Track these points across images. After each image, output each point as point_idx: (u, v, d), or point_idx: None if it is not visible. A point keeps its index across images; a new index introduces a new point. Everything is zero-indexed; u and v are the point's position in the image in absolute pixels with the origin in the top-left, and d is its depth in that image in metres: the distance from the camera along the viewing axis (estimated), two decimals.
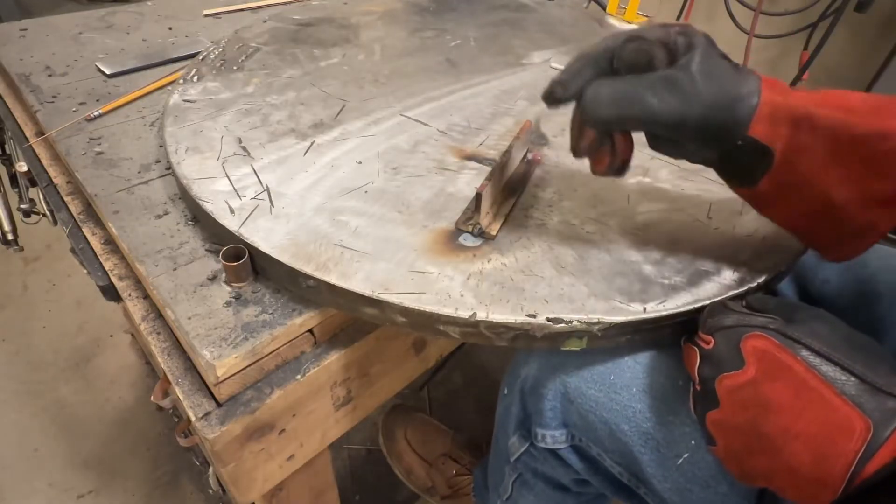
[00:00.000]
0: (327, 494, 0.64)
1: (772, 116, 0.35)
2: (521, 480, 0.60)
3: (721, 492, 0.41)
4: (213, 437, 0.38)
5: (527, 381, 0.52)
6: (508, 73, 0.74)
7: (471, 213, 0.47)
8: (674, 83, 0.34)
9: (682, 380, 0.43)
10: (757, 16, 1.35)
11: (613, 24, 0.89)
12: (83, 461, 1.03)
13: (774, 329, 0.34)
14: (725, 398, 0.35)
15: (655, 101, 0.34)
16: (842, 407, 0.30)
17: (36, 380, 1.15)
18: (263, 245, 0.43)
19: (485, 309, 0.39)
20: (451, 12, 0.92)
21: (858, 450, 0.30)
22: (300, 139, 0.56)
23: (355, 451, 1.08)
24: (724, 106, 0.34)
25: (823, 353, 0.32)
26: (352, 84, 0.67)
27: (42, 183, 0.59)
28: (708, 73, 0.34)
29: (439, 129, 0.60)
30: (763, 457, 0.34)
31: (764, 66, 1.74)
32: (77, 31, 0.80)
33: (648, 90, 0.34)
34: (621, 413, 0.45)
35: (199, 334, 0.40)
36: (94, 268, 0.50)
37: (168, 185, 0.53)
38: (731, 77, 0.35)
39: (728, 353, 0.35)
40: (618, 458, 0.47)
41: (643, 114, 0.34)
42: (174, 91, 0.62)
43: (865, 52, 1.57)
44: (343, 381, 0.48)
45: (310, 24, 0.83)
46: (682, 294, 0.42)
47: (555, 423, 0.50)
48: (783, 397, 0.32)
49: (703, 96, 0.34)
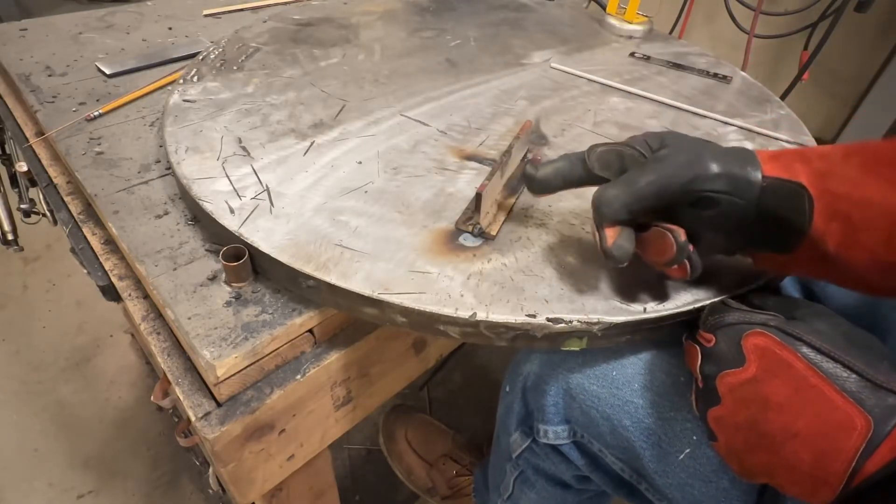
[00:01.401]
0: (327, 494, 0.64)
1: (777, 157, 0.36)
2: (523, 478, 0.61)
3: (722, 487, 0.41)
4: (213, 437, 0.38)
5: (529, 377, 0.52)
6: (508, 73, 0.74)
7: (471, 213, 0.47)
8: (655, 160, 0.38)
9: (683, 376, 0.43)
10: (757, 16, 1.35)
11: (613, 24, 0.89)
12: (83, 461, 1.03)
13: (775, 326, 0.34)
14: (727, 395, 0.35)
15: (642, 179, 0.37)
16: (842, 404, 0.30)
17: (36, 380, 1.15)
18: (263, 245, 0.43)
19: (485, 309, 0.39)
20: (451, 12, 0.92)
21: (859, 447, 0.30)
22: (300, 139, 0.56)
23: (355, 451, 1.08)
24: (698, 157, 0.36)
25: (824, 350, 0.32)
26: (352, 84, 0.67)
27: (42, 183, 0.59)
28: (680, 143, 0.38)
29: (439, 129, 0.60)
30: (764, 454, 0.34)
31: (764, 66, 1.74)
32: (77, 31, 0.80)
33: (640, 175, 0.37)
34: (623, 409, 0.45)
35: (199, 334, 0.40)
36: (94, 268, 0.50)
37: (168, 185, 0.53)
38: (704, 142, 0.38)
39: (729, 350, 0.35)
40: (619, 454, 0.47)
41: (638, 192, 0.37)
42: (174, 91, 0.62)
43: (865, 52, 1.57)
44: (343, 381, 0.48)
45: (310, 24, 0.83)
46: (683, 294, 0.42)
47: (557, 419, 0.50)
48: (783, 394, 0.32)
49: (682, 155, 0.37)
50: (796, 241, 0.36)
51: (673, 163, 0.37)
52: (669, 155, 0.37)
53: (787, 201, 0.35)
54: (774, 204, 0.36)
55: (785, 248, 0.37)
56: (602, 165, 0.40)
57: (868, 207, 0.33)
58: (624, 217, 0.37)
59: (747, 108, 0.69)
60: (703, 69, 0.78)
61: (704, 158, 0.36)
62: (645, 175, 0.37)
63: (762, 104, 0.71)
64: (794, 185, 0.35)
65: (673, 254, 0.37)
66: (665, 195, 0.36)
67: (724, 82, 0.76)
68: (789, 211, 0.35)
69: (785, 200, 0.35)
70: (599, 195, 0.37)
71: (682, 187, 0.36)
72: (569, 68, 0.75)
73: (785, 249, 0.37)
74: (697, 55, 0.83)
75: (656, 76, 0.76)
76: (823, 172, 0.35)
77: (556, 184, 0.42)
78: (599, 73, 0.74)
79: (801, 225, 0.35)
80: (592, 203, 0.38)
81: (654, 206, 0.37)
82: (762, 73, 1.74)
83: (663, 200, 0.36)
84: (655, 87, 0.72)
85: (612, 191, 0.37)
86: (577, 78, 0.74)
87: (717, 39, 1.75)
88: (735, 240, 0.38)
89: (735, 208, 0.36)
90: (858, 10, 1.38)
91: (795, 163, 0.36)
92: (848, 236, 0.34)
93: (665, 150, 0.38)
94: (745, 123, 0.65)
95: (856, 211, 0.33)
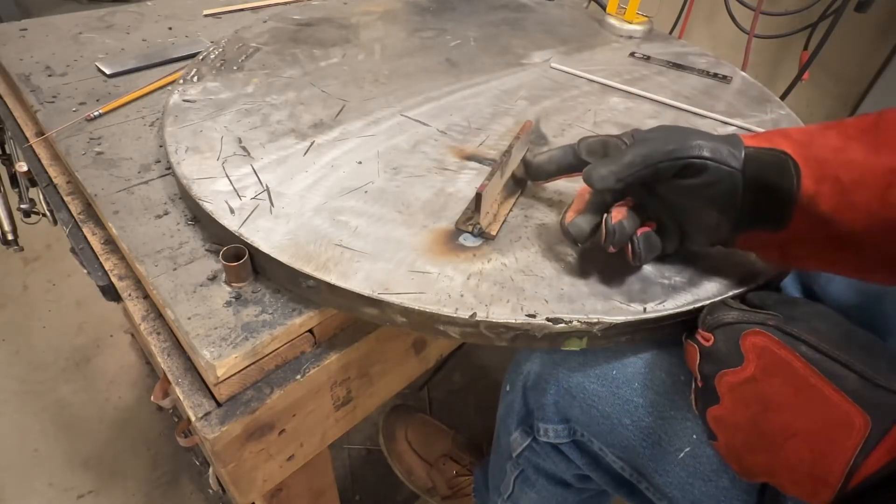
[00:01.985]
0: (327, 494, 0.64)
1: (758, 135, 0.38)
2: (523, 477, 0.61)
3: (722, 486, 0.41)
4: (213, 437, 0.38)
5: (529, 376, 0.52)
6: (508, 73, 0.74)
7: (471, 213, 0.47)
8: (640, 139, 0.40)
9: (683, 375, 0.43)
10: (757, 16, 1.35)
11: (613, 24, 0.89)
12: (83, 461, 1.03)
13: (774, 325, 0.34)
14: (726, 395, 0.35)
15: (629, 151, 0.39)
16: (841, 403, 0.30)
17: (36, 380, 1.15)
18: (263, 245, 0.43)
19: (485, 309, 0.39)
20: (451, 12, 0.92)
21: (857, 446, 0.30)
22: (300, 139, 0.56)
23: (355, 451, 1.08)
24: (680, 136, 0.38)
25: (823, 350, 0.32)
26: (352, 84, 0.67)
27: (42, 183, 0.59)
28: (664, 127, 0.41)
29: (439, 129, 0.60)
30: (763, 453, 0.34)
31: (764, 66, 1.74)
32: (77, 31, 0.80)
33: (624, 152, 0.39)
34: (623, 408, 0.45)
35: (199, 334, 0.40)
36: (94, 268, 0.50)
37: (168, 185, 0.53)
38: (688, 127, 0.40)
39: (728, 350, 0.35)
40: (619, 453, 0.47)
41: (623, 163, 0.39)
42: (174, 91, 0.62)
43: (865, 52, 1.57)
44: (343, 382, 0.48)
45: (310, 24, 0.83)
46: (683, 294, 0.42)
47: (557, 417, 0.50)
48: (782, 394, 0.32)
49: (665, 132, 0.40)
50: (788, 209, 0.36)
51: (655, 139, 0.39)
52: (652, 134, 0.40)
53: (773, 168, 0.36)
54: (761, 172, 0.36)
55: (779, 221, 0.37)
56: (589, 151, 0.43)
57: (854, 167, 0.34)
58: (612, 184, 0.38)
59: (747, 108, 0.69)
60: (703, 69, 0.78)
61: (686, 134, 0.38)
62: (630, 149, 0.39)
63: (762, 104, 0.71)
64: (777, 152, 0.36)
65: (604, 234, 0.39)
66: (650, 162, 0.37)
67: (724, 82, 0.76)
68: (776, 176, 0.36)
69: (771, 168, 0.36)
70: (591, 167, 0.39)
71: (665, 154, 0.37)
72: (569, 68, 0.75)
73: (779, 222, 0.37)
74: (697, 55, 0.83)
75: (656, 76, 0.76)
76: (805, 142, 0.36)
77: (550, 168, 0.46)
78: (599, 73, 0.74)
79: (789, 188, 0.35)
80: (583, 175, 0.39)
81: (641, 173, 0.38)
82: (762, 73, 1.74)
83: (649, 168, 0.38)
84: (655, 87, 0.72)
85: (601, 163, 0.39)
86: (577, 78, 0.74)
87: (717, 39, 1.75)
88: (728, 215, 0.39)
89: (722, 175, 0.37)
90: (858, 10, 1.38)
91: (776, 137, 0.37)
92: (841, 196, 0.34)
93: (650, 132, 0.41)
94: (745, 123, 0.65)
95: (843, 171, 0.34)
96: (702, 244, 0.42)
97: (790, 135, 0.37)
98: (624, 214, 0.39)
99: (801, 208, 0.35)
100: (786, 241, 0.38)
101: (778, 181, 0.36)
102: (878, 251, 0.35)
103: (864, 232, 0.34)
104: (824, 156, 0.35)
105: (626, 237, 0.40)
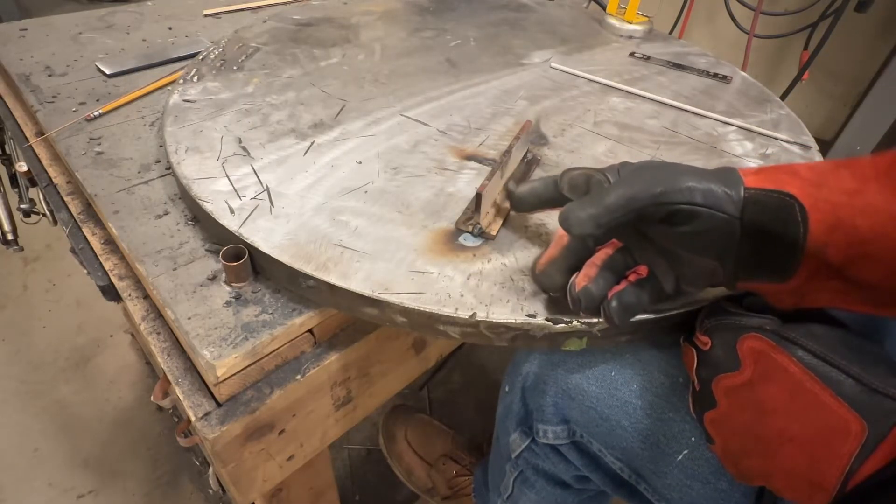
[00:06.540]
0: (327, 494, 0.64)
1: (761, 170, 0.34)
2: (522, 478, 0.61)
3: (721, 488, 0.41)
4: (213, 437, 0.38)
5: (528, 377, 0.52)
6: (508, 73, 0.74)
7: (471, 213, 0.47)
8: (624, 178, 0.36)
9: (682, 377, 0.43)
10: (757, 16, 1.35)
11: (613, 24, 0.89)
12: (83, 461, 1.03)
13: (770, 330, 0.33)
14: (723, 399, 0.35)
15: (611, 192, 0.35)
16: (837, 408, 0.30)
17: (36, 380, 1.15)
18: (263, 245, 0.43)
19: (485, 309, 0.39)
20: (451, 12, 0.92)
21: (853, 451, 0.29)
22: (300, 139, 0.56)
23: (355, 451, 1.08)
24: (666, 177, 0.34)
25: (819, 354, 0.31)
26: (352, 84, 0.67)
27: (42, 183, 0.59)
28: (653, 164, 0.37)
29: (439, 129, 0.60)
30: (759, 458, 0.34)
31: (764, 66, 1.74)
32: (77, 31, 0.80)
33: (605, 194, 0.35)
34: (622, 409, 0.45)
35: (199, 334, 0.40)
36: (94, 268, 0.50)
37: (168, 185, 0.53)
38: (682, 164, 0.36)
39: (724, 354, 0.35)
40: (618, 454, 0.47)
41: (603, 207, 0.34)
42: (174, 91, 0.62)
43: (865, 52, 1.57)
44: (343, 381, 0.48)
45: (310, 24, 0.83)
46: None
47: (556, 418, 0.50)
48: (779, 399, 0.32)
49: (652, 171, 0.35)
50: (793, 259, 0.32)
51: (641, 179, 0.34)
52: (639, 173, 0.35)
53: (776, 213, 0.32)
54: (762, 218, 0.32)
55: (783, 272, 0.33)
56: (570, 188, 0.39)
57: (874, 213, 0.30)
58: (591, 230, 0.34)
59: (747, 108, 0.69)
60: (703, 69, 0.78)
61: (676, 174, 0.34)
62: (613, 189, 0.34)
63: (762, 104, 0.71)
64: (781, 195, 0.32)
65: (570, 303, 0.36)
66: (634, 206, 0.33)
67: (724, 82, 0.76)
68: (780, 223, 0.32)
69: (773, 212, 0.32)
70: (568, 208, 0.35)
71: (651, 198, 0.33)
72: (569, 68, 0.75)
73: (783, 273, 0.33)
74: (697, 55, 0.83)
75: (656, 76, 0.76)
76: (816, 182, 0.32)
77: (531, 201, 0.42)
78: (599, 73, 0.74)
79: (794, 238, 0.31)
80: (559, 218, 0.35)
81: (624, 218, 0.34)
82: (762, 73, 1.74)
83: (632, 213, 0.34)
84: (655, 87, 0.72)
85: (579, 205, 0.35)
86: (577, 78, 0.74)
87: (717, 39, 1.75)
88: (726, 263, 0.35)
89: (717, 223, 0.33)
90: (858, 10, 1.38)
91: (782, 174, 0.33)
92: (855, 247, 0.30)
93: (636, 170, 0.36)
94: (745, 123, 0.65)
95: (861, 218, 0.30)
96: (700, 287, 0.39)
97: (798, 172, 0.33)
98: (593, 274, 0.36)
99: (810, 258, 0.32)
100: (796, 289, 0.34)
101: (782, 229, 0.32)
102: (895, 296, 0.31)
103: (882, 282, 0.31)
104: (839, 199, 0.31)
105: (595, 303, 0.36)
